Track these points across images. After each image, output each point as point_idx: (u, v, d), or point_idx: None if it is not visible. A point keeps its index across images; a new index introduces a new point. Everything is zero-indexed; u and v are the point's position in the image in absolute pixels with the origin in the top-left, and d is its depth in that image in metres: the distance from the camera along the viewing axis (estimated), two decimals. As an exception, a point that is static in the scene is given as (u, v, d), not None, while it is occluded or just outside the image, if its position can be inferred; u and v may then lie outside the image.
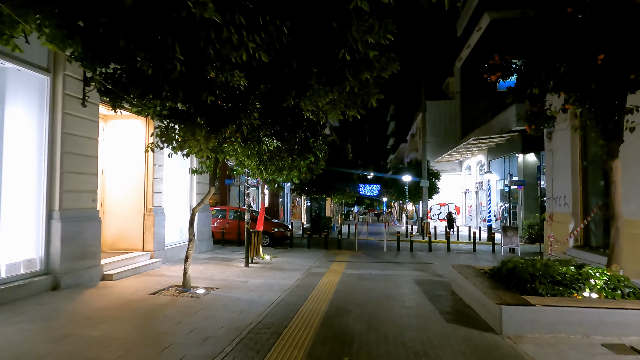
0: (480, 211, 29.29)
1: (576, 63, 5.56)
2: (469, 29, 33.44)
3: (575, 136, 11.09)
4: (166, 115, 5.25)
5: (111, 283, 7.84)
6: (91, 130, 7.94)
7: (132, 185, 10.14)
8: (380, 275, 9.57)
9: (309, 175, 12.21)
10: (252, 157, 7.37)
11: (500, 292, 5.59)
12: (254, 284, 8.17)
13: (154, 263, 9.66)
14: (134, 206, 10.11)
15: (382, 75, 4.16)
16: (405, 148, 57.60)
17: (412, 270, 10.49)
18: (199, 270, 9.57)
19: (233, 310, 6.15)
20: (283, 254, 13.19)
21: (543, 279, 5.37)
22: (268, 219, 18.15)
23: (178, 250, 11.55)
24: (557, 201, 11.91)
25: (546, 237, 12.51)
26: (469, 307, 6.41)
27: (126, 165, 10.17)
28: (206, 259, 11.51)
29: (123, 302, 6.44)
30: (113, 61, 3.98)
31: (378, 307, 6.51)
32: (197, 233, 12.72)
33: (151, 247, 9.99)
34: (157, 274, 8.95)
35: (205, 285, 7.95)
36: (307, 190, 24.51)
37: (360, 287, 8.16)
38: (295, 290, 7.75)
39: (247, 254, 10.43)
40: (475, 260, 12.58)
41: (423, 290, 7.91)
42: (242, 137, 6.95)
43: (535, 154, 21.20)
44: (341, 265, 11.03)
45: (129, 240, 10.05)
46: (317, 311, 6.19)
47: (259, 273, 9.52)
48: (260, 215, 12.06)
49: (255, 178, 9.65)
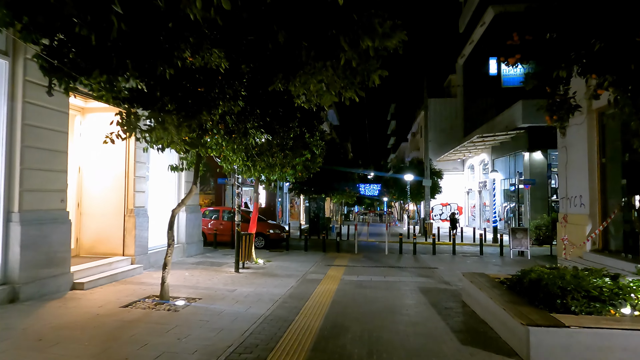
0: (483, 211, 28.46)
1: (613, 40, 4.73)
2: (472, 25, 32.60)
3: (592, 130, 10.26)
4: (126, 98, 4.42)
5: (81, 293, 7.01)
6: (59, 122, 7.10)
7: (111, 184, 9.32)
8: (382, 283, 8.74)
9: (305, 173, 11.38)
10: (238, 152, 6.53)
11: (524, 308, 4.76)
12: (242, 294, 7.34)
13: (134, 269, 8.83)
14: (113, 207, 9.28)
15: (386, 44, 3.33)
16: (406, 147, 56.77)
17: (417, 276, 9.66)
18: (183, 277, 8.75)
19: (212, 327, 5.32)
20: (278, 258, 12.37)
21: (576, 293, 4.54)
22: (263, 219, 17.32)
23: (164, 254, 10.69)
24: (571, 201, 11.07)
25: (559, 240, 11.68)
26: (485, 324, 5.58)
27: (106, 163, 9.34)
28: (194, 264, 10.68)
29: (87, 318, 5.61)
30: (50, 28, 3.17)
31: (380, 323, 5.68)
32: (185, 236, 11.95)
33: (132, 252, 9.16)
34: (136, 282, 8.12)
35: (187, 295, 7.13)
36: (305, 190, 23.67)
37: (359, 296, 7.33)
38: (287, 301, 6.92)
39: (237, 259, 9.59)
40: (484, 265, 11.75)
41: (430, 300, 7.07)
42: (226, 129, 6.13)
43: (542, 152, 20.39)
44: (339, 271, 10.20)
45: (108, 244, 9.21)
46: (310, 328, 5.36)
47: (250, 280, 8.70)
48: (253, 216, 11.23)
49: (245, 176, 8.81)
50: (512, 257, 13.25)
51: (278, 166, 8.09)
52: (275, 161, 7.83)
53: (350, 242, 18.28)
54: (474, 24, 31.63)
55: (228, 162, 6.77)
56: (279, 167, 8.18)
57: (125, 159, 9.29)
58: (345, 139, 57.57)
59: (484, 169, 28.51)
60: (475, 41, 31.81)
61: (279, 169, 8.27)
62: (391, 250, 14.56)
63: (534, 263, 12.05)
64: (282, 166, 8.21)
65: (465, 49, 33.97)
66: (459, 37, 36.17)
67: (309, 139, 10.38)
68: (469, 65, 34.02)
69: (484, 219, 28.44)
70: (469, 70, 34.19)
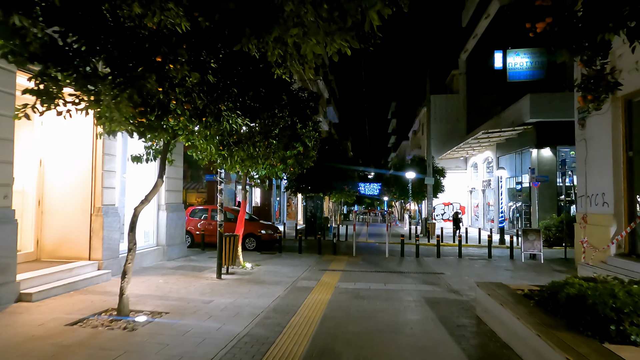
0: (488, 211, 27.38)
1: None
2: (475, 18, 31.52)
3: (617, 120, 9.18)
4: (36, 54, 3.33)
5: (26, 306, 5.94)
6: (2, 104, 6.04)
7: (77, 178, 8.25)
8: (382, 292, 7.67)
9: (297, 169, 10.32)
10: (210, 139, 5.46)
11: (565, 334, 3.70)
12: (218, 306, 6.28)
13: (101, 275, 7.78)
14: (79, 204, 8.22)
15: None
16: (407, 146, 55.70)
17: (421, 283, 8.60)
18: (155, 285, 7.69)
19: (170, 354, 4.26)
20: (269, 261, 11.30)
21: (636, 317, 3.48)
22: (255, 219, 16.26)
23: (140, 257, 9.65)
24: (592, 200, 10.00)
25: (577, 242, 10.61)
26: (510, 349, 4.52)
27: (71, 155, 8.28)
28: (174, 268, 9.61)
29: (17, 341, 4.55)
30: None
31: (380, 348, 4.61)
32: (166, 237, 10.87)
33: (99, 255, 8.10)
34: (99, 291, 7.06)
35: (153, 308, 6.06)
36: (302, 188, 22.59)
37: (356, 310, 6.27)
38: (270, 315, 5.86)
39: (219, 264, 8.52)
40: (494, 270, 10.68)
41: (439, 315, 6.00)
42: (195, 111, 5.06)
43: (552, 148, 19.32)
44: (335, 277, 9.13)
45: (73, 247, 8.15)
46: (292, 356, 4.30)
47: (231, 288, 7.64)
48: (240, 215, 10.15)
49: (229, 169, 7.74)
50: (523, 261, 12.17)
51: (261, 158, 6.98)
52: (257, 152, 6.74)
53: (349, 243, 17.21)
54: (478, 17, 30.55)
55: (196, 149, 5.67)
56: (263, 159, 7.07)
57: (92, 151, 8.23)
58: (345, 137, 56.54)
59: (488, 167, 27.42)
60: (479, 35, 30.73)
61: (263, 161, 7.16)
62: (392, 253, 13.50)
63: (548, 267, 10.99)
64: (266, 158, 7.10)
65: (469, 43, 32.88)
66: (461, 32, 35.09)
67: (301, 129, 9.32)
68: (473, 60, 32.93)
69: (487, 219, 27.36)
70: (472, 66, 33.11)
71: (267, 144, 6.90)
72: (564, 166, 12.61)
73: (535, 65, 26.12)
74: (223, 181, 8.60)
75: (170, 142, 5.76)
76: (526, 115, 19.80)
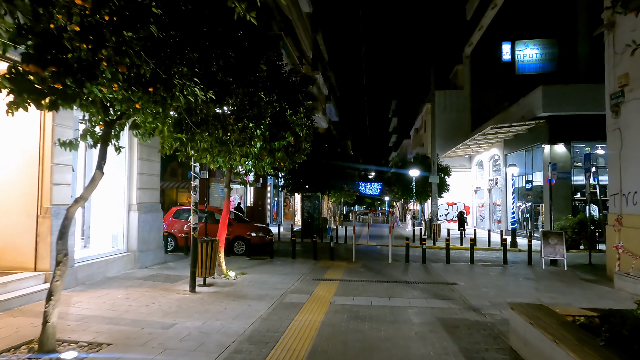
0: (494, 211, 26.01)
1: None
2: (481, 9, 30.14)
3: (663, 105, 7.84)
4: None
5: None
6: None
7: (21, 173, 6.91)
8: (386, 310, 6.31)
9: (288, 163, 8.97)
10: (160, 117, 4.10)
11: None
12: (180, 333, 4.93)
13: (46, 290, 6.40)
14: (23, 204, 6.87)
15: None
16: (408, 144, 54.36)
17: (432, 297, 7.24)
18: (111, 302, 6.33)
19: (80, 423, 2.91)
20: (257, 268, 9.95)
21: None
22: (246, 221, 14.92)
23: (104, 266, 8.31)
24: (629, 198, 8.64)
25: (609, 247, 9.27)
26: (574, 411, 3.16)
27: (13, 144, 6.94)
28: (143, 278, 8.26)
29: None
30: None
31: (387, 406, 3.26)
32: (137, 242, 9.46)
33: (47, 266, 6.74)
34: (36, 311, 5.68)
35: (93, 337, 4.71)
36: (298, 187, 21.24)
37: (354, 339, 4.91)
38: (243, 347, 4.51)
39: (192, 275, 7.16)
40: (514, 279, 9.31)
41: (461, 347, 4.64)
42: (138, 77, 3.70)
43: (565, 144, 17.94)
44: (331, 288, 7.79)
45: (14, 255, 6.80)
46: None
47: (204, 305, 6.29)
48: (223, 217, 8.79)
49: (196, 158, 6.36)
50: (544, 268, 10.80)
51: (234, 145, 5.58)
52: (230, 137, 5.36)
53: (348, 246, 15.85)
54: (484, 8, 29.18)
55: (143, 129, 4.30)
56: (236, 147, 5.67)
57: (39, 138, 6.88)
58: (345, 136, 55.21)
59: (495, 165, 26.06)
60: (485, 27, 29.38)
61: (237, 149, 5.75)
62: (395, 258, 12.14)
63: (574, 276, 9.63)
64: (241, 144, 5.69)
65: (474, 36, 31.51)
66: (466, 25, 33.70)
67: (291, 117, 7.96)
68: (478, 53, 31.57)
69: (494, 220, 26.00)
70: (477, 59, 31.73)
71: (242, 127, 5.51)
72: (588, 161, 11.22)
73: (546, 57, 24.77)
74: (198, 176, 7.24)
75: (114, 122, 4.40)
76: (538, 109, 18.42)
